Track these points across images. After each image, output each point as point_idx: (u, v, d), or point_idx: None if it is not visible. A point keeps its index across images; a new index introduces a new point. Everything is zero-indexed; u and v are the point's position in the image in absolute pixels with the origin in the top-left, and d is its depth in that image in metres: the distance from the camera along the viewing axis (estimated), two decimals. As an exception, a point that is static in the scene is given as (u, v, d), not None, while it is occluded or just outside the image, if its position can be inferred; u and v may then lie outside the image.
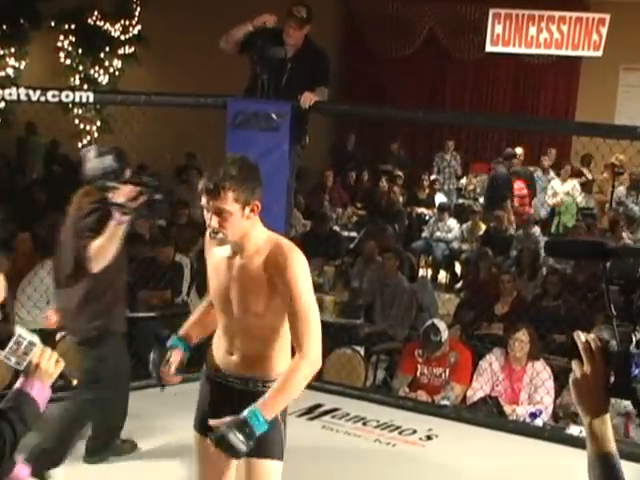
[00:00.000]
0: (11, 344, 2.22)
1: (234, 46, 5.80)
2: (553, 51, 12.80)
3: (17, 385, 2.22)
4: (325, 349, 5.98)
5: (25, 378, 2.21)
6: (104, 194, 4.11)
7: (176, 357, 3.07)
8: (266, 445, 2.87)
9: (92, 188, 4.24)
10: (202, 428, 2.96)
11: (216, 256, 2.97)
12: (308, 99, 5.69)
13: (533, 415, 5.46)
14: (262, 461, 2.91)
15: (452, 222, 10.54)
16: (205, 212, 2.85)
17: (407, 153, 13.23)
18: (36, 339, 2.26)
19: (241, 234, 2.86)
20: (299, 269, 2.83)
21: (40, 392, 2.20)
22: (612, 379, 1.67)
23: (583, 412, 1.69)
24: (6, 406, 2.16)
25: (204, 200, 2.82)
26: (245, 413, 2.72)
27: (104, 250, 4.05)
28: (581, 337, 1.68)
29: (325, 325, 5.75)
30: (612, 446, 1.68)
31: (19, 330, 2.25)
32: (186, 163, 10.96)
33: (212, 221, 2.82)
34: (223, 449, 2.70)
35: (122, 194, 4.03)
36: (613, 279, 1.73)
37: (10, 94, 5.32)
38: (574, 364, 1.69)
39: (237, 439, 2.68)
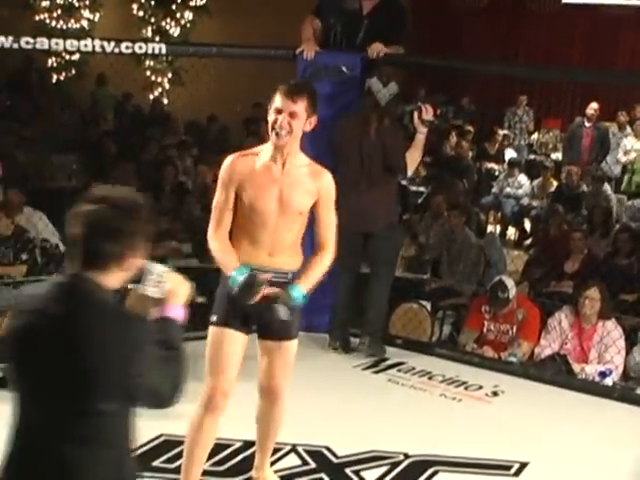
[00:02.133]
0: (147, 278, 2.40)
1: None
2: (633, 1, 12.36)
3: (158, 314, 2.34)
4: (392, 303, 6.10)
5: (163, 305, 2.36)
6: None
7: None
8: (292, 327, 3.49)
9: (383, 112, 5.42)
10: (236, 323, 3.42)
11: (257, 169, 3.41)
12: (376, 49, 5.63)
13: (602, 374, 5.40)
14: (291, 341, 3.52)
15: (522, 178, 10.38)
16: (273, 114, 3.35)
17: (478, 107, 13.02)
18: (164, 268, 2.43)
19: (296, 141, 3.40)
20: (333, 185, 3.50)
21: (180, 313, 2.39)
22: None
23: None
24: (160, 337, 2.29)
25: (280, 102, 3.34)
26: (292, 288, 3.38)
27: (417, 159, 5.46)
28: None
29: (393, 280, 5.84)
30: None
31: (149, 264, 2.42)
32: (253, 114, 10.96)
33: (283, 120, 3.32)
34: (277, 314, 3.33)
35: (429, 112, 5.25)
36: None
37: (85, 45, 5.38)
38: None
39: (287, 310, 3.36)
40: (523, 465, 4.27)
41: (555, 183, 10.35)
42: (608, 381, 5.38)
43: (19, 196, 6.70)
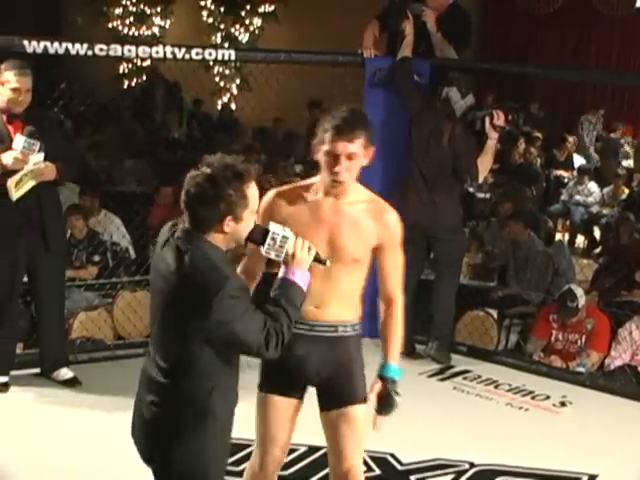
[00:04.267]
0: (268, 240, 2.55)
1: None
2: None
3: (280, 275, 2.57)
4: (458, 310, 6.05)
5: (286, 267, 2.56)
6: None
7: None
8: (360, 390, 2.98)
9: (457, 121, 5.48)
10: (283, 388, 2.95)
11: (305, 205, 2.92)
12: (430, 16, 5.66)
13: (675, 387, 5.27)
14: (360, 406, 2.98)
15: (593, 185, 10.20)
16: (326, 157, 2.83)
17: (547, 114, 12.84)
18: (288, 232, 2.57)
19: (354, 177, 2.90)
20: (399, 225, 2.96)
21: (301, 277, 2.55)
22: None
23: None
24: (275, 294, 2.54)
25: (332, 144, 2.80)
26: (388, 373, 2.97)
27: (489, 165, 5.61)
28: None
29: (459, 287, 5.80)
30: None
31: (273, 227, 2.57)
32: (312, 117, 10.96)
33: (341, 165, 2.80)
34: (387, 412, 2.96)
35: (500, 118, 5.34)
36: None
37: (157, 52, 5.47)
38: None
39: (396, 399, 2.98)
40: (592, 478, 4.20)
41: (626, 191, 10.14)
42: (681, 394, 5.26)
43: (94, 200, 6.85)
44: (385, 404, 2.95)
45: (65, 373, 4.92)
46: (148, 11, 13.06)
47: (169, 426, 2.48)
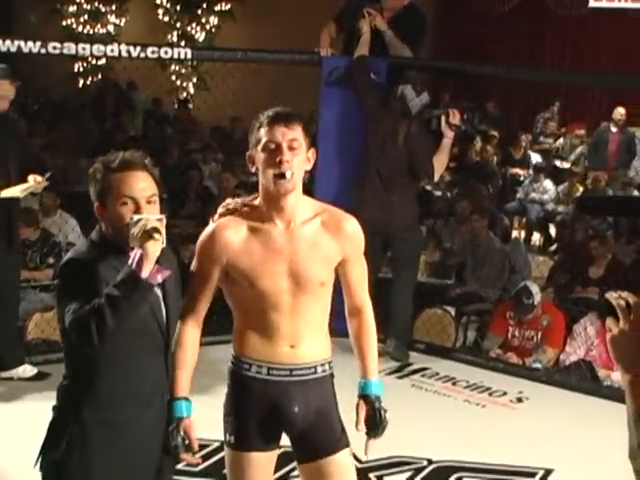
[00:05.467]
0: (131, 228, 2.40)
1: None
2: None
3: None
4: (416, 308, 6.07)
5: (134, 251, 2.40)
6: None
7: (192, 433, 2.54)
8: (342, 435, 2.68)
9: (412, 120, 5.49)
10: (263, 442, 2.63)
11: (252, 238, 2.55)
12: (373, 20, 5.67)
13: (628, 381, 5.35)
14: (343, 453, 2.68)
15: (548, 183, 10.32)
16: (265, 153, 2.49)
17: (503, 112, 12.96)
18: (135, 217, 2.40)
19: (299, 186, 2.55)
20: (360, 232, 2.66)
21: (132, 257, 2.34)
22: None
23: (623, 370, 1.62)
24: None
25: (270, 132, 2.48)
26: (371, 390, 2.67)
27: (445, 163, 5.61)
28: (614, 295, 1.61)
29: (416, 285, 5.83)
30: None
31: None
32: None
33: (284, 155, 2.47)
34: (379, 433, 2.68)
35: (455, 116, 5.40)
36: None
37: (112, 50, 5.43)
38: (609, 321, 1.61)
39: (386, 417, 2.68)
40: (548, 472, 4.24)
41: (581, 188, 10.28)
42: (634, 388, 5.33)
43: (55, 198, 6.77)
44: (375, 425, 2.66)
45: (30, 370, 4.93)
46: (103, 9, 12.93)
47: (47, 429, 2.50)
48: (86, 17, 12.98)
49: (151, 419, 2.48)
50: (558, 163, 11.60)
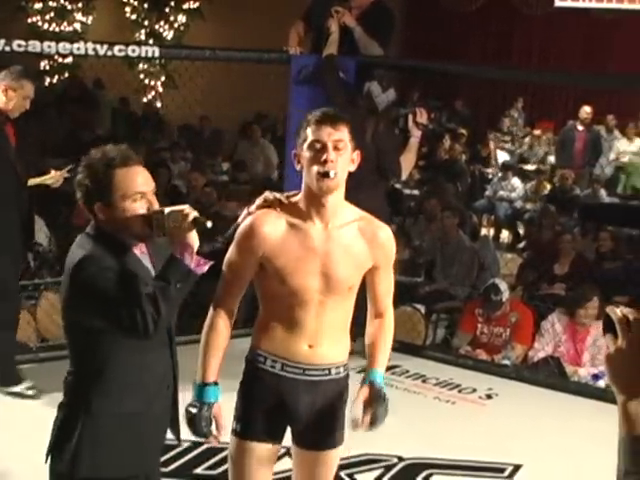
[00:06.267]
0: (154, 223, 2.40)
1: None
2: (626, 5, 12.39)
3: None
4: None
5: (173, 244, 2.41)
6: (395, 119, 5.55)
7: (220, 419, 2.63)
8: (340, 434, 2.74)
9: (379, 117, 5.46)
10: (268, 434, 2.67)
11: (290, 233, 2.60)
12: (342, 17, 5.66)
13: (596, 377, 5.41)
14: (336, 450, 2.75)
15: (516, 181, 10.41)
16: (311, 151, 2.54)
17: (471, 110, 13.05)
18: (169, 208, 2.43)
19: (343, 187, 2.59)
20: (393, 242, 2.71)
21: (181, 248, 2.38)
22: None
23: (617, 390, 1.54)
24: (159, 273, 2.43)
25: (317, 132, 2.54)
26: (376, 377, 2.66)
27: (412, 162, 5.61)
28: (616, 310, 1.51)
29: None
30: None
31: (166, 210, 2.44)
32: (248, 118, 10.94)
33: (330, 154, 2.51)
34: (381, 419, 2.63)
35: (423, 116, 5.38)
36: None
37: (78, 48, 5.37)
38: (607, 338, 1.53)
39: (385, 410, 2.65)
40: (516, 467, 4.27)
41: (548, 186, 10.37)
42: (601, 383, 5.39)
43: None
44: (378, 409, 2.61)
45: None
46: (69, 7, 12.79)
47: (55, 426, 2.47)
48: (52, 15, 12.84)
49: (159, 411, 2.52)
50: (528, 167, 11.65)
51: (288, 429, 2.75)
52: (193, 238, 2.37)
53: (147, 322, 2.28)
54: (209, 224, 2.40)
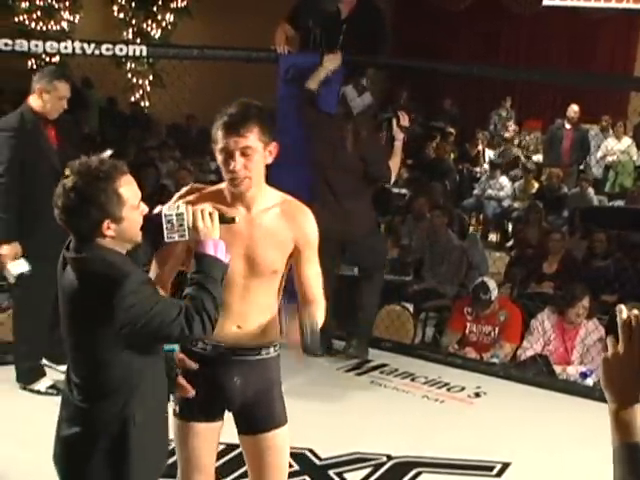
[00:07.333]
0: (165, 225, 2.43)
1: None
2: (613, 4, 12.44)
3: (194, 253, 2.46)
4: (375, 305, 6.04)
5: (196, 243, 2.45)
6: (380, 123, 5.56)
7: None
8: (280, 414, 2.81)
9: (356, 122, 5.37)
10: (205, 413, 2.77)
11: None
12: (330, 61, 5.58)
13: (584, 375, 5.43)
14: (281, 430, 2.81)
15: (504, 180, 10.43)
16: (221, 156, 2.61)
17: (460, 109, 13.06)
18: (182, 208, 2.45)
19: (259, 178, 2.67)
20: (315, 226, 2.79)
21: (212, 247, 2.43)
22: None
23: (610, 396, 1.51)
24: (192, 273, 2.45)
25: (225, 140, 2.58)
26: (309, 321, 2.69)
27: (398, 165, 5.53)
28: (623, 312, 1.46)
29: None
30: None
31: (163, 209, 2.46)
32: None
33: (236, 164, 2.58)
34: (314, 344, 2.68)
35: (405, 119, 5.36)
36: None
37: (65, 47, 5.36)
38: (608, 340, 1.49)
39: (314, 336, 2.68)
40: (505, 465, 4.28)
41: (536, 185, 10.40)
42: (589, 381, 5.41)
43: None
44: (311, 335, 2.67)
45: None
46: (56, 5, 12.75)
47: (85, 452, 2.39)
48: (39, 13, 12.79)
49: (166, 414, 2.61)
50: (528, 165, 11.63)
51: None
52: (218, 233, 2.46)
53: (205, 327, 2.38)
54: (237, 219, 2.55)
